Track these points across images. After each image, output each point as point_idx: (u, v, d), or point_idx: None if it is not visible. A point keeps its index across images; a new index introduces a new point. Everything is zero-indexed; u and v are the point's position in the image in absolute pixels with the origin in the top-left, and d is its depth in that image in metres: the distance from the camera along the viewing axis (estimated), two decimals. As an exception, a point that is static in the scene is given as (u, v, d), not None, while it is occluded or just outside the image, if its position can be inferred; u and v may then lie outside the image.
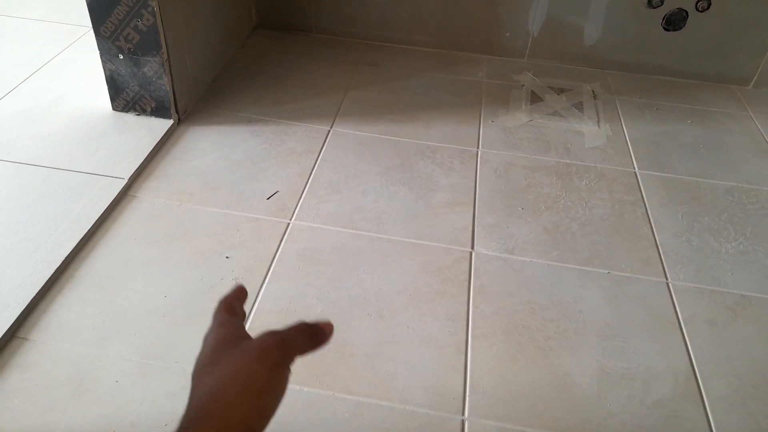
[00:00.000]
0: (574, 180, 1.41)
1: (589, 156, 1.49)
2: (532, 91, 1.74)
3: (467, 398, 0.94)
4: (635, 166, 1.47)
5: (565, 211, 1.32)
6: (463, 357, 1.00)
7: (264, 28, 1.95)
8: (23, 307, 1.00)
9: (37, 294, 1.03)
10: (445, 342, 1.02)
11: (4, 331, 0.96)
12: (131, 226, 1.19)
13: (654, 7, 1.73)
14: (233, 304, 0.44)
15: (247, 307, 1.03)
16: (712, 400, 0.97)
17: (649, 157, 1.50)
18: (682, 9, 1.72)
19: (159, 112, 1.46)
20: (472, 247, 1.21)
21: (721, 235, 1.28)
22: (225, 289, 1.07)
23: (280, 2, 1.90)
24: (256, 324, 1.02)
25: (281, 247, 1.18)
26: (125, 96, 1.45)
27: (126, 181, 1.27)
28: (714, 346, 1.05)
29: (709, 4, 1.71)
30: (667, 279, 1.17)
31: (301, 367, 0.96)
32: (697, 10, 1.72)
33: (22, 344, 0.96)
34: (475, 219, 1.28)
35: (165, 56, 1.37)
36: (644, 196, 1.37)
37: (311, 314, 1.05)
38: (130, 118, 1.46)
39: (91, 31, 1.36)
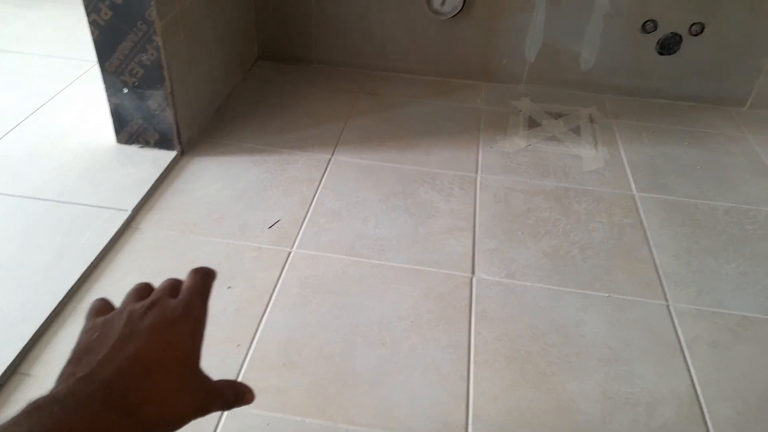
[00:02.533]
0: (573, 204, 1.42)
1: (587, 179, 1.50)
2: (529, 116, 1.77)
3: (470, 426, 0.94)
4: (633, 189, 1.48)
5: (564, 234, 1.32)
6: (465, 384, 1.00)
7: (266, 59, 1.99)
8: (25, 342, 1.00)
9: (39, 328, 1.03)
10: (448, 369, 1.02)
11: (6, 366, 0.97)
12: (134, 258, 1.21)
13: (648, 32, 1.76)
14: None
15: (247, 336, 1.05)
16: (716, 423, 0.96)
17: (647, 180, 1.51)
18: (676, 33, 1.75)
19: (163, 143, 1.48)
20: (473, 273, 1.22)
21: (721, 256, 1.28)
22: (227, 320, 1.08)
23: (281, 34, 1.94)
24: (258, 354, 1.03)
25: (283, 275, 1.19)
26: (129, 129, 1.48)
27: (129, 212, 1.29)
28: (717, 368, 1.05)
29: (703, 28, 1.74)
30: (667, 301, 1.17)
31: (303, 398, 0.96)
32: (691, 34, 1.75)
33: (23, 380, 0.97)
34: (476, 244, 1.29)
35: (169, 89, 1.40)
36: (643, 219, 1.38)
37: (313, 343, 1.05)
38: (134, 150, 1.49)
39: (97, 65, 1.39)
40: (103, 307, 0.40)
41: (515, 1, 1.77)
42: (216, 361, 1.01)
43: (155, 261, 1.20)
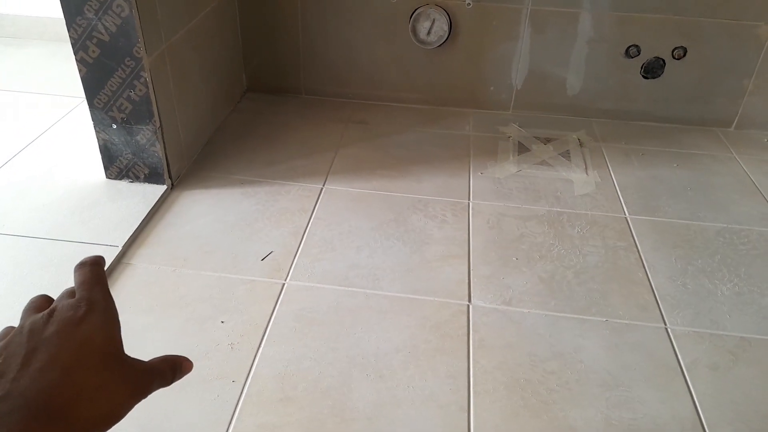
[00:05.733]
0: (566, 228, 1.42)
1: (579, 203, 1.51)
2: (519, 142, 1.78)
3: (472, 458, 0.92)
4: (626, 212, 1.49)
5: (559, 259, 1.32)
6: (466, 415, 0.98)
7: (254, 91, 2.00)
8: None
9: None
10: (447, 400, 1.01)
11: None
12: (126, 294, 1.19)
13: (632, 57, 1.79)
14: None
15: (242, 371, 1.03)
16: (721, 448, 0.95)
17: (639, 202, 1.52)
18: (659, 57, 1.78)
19: (152, 178, 1.47)
20: (469, 300, 1.21)
21: (716, 277, 1.28)
22: (221, 355, 1.06)
23: (269, 66, 1.95)
24: (254, 389, 1.01)
25: (277, 308, 1.17)
26: (119, 164, 1.47)
27: (120, 248, 1.27)
28: (718, 391, 1.04)
29: (685, 52, 1.77)
30: (665, 324, 1.17)
31: (300, 433, 0.94)
32: (674, 57, 1.78)
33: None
34: (471, 271, 1.28)
35: (157, 124, 1.40)
36: (637, 241, 1.38)
37: (309, 377, 1.03)
38: (123, 185, 1.48)
39: (85, 101, 1.39)
40: (7, 332, 0.38)
41: (500, 29, 1.80)
42: (211, 397, 0.99)
43: (148, 296, 1.18)
